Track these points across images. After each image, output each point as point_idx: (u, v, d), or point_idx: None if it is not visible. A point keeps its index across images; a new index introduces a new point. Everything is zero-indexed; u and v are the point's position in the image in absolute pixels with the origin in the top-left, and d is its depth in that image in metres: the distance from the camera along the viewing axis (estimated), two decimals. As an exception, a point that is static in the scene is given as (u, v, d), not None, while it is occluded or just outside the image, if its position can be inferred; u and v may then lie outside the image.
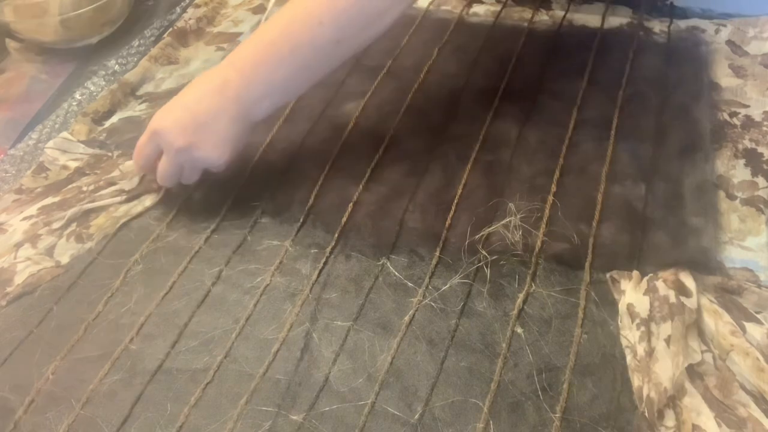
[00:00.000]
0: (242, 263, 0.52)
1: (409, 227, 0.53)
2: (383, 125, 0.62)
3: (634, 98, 0.63)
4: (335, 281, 0.50)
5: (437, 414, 0.42)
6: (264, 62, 0.51)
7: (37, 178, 0.60)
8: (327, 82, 0.67)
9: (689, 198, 0.54)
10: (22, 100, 0.71)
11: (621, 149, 0.58)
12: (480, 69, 0.68)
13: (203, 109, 0.50)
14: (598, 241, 0.51)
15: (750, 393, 0.42)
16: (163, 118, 0.52)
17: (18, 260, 0.52)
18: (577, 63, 0.67)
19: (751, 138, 0.59)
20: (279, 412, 0.43)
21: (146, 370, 0.45)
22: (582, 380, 0.43)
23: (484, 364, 0.45)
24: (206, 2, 0.81)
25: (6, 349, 0.47)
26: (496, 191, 0.55)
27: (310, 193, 0.56)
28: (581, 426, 0.41)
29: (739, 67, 0.67)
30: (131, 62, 0.74)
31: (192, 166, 0.53)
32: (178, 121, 0.51)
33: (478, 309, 0.48)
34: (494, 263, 0.50)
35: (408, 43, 0.72)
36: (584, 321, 0.46)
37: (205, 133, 0.51)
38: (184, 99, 0.52)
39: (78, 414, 0.43)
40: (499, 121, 0.62)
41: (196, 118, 0.50)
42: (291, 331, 0.47)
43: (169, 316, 0.49)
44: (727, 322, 0.45)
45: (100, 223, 0.56)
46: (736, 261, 0.50)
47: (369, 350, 0.46)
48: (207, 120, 0.50)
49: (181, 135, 0.50)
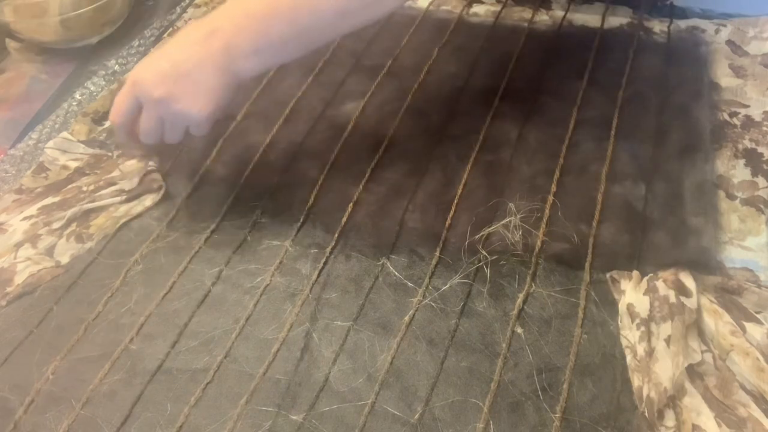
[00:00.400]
0: (242, 263, 0.52)
1: (409, 227, 0.53)
2: (383, 125, 0.62)
3: (634, 98, 0.63)
4: (335, 281, 0.50)
5: (437, 414, 0.42)
6: (260, 15, 0.48)
7: (37, 178, 0.60)
8: (327, 81, 0.67)
9: (689, 198, 0.54)
10: (22, 100, 0.71)
11: (621, 149, 0.58)
12: (480, 69, 0.68)
13: (185, 58, 0.47)
14: (598, 241, 0.51)
15: (750, 393, 0.42)
16: (143, 68, 0.49)
17: (18, 260, 0.53)
18: (577, 63, 0.67)
19: (751, 138, 0.59)
20: (279, 412, 0.43)
21: (146, 370, 0.45)
22: (582, 380, 0.43)
23: (484, 364, 0.45)
24: (206, 2, 0.81)
25: (6, 349, 0.47)
26: (496, 191, 0.55)
27: (310, 193, 0.56)
28: (581, 426, 0.41)
29: (739, 67, 0.67)
30: (131, 62, 0.74)
31: (172, 121, 0.49)
32: (158, 70, 0.48)
33: (478, 309, 0.48)
34: (494, 263, 0.50)
35: (408, 43, 0.72)
36: (584, 321, 0.46)
37: (185, 84, 0.47)
38: (167, 48, 0.49)
39: (78, 414, 0.43)
40: (499, 121, 0.62)
41: (177, 67, 0.47)
42: (291, 331, 0.47)
43: (169, 316, 0.49)
44: (727, 322, 0.45)
45: (100, 223, 0.56)
46: (736, 261, 0.50)
47: (369, 350, 0.46)
48: (189, 69, 0.47)
49: (160, 84, 0.47)
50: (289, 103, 0.65)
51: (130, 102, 0.50)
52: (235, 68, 0.48)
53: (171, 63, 0.48)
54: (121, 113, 0.50)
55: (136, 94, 0.49)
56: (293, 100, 0.66)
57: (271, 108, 0.64)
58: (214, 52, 0.47)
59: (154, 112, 0.49)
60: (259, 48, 0.48)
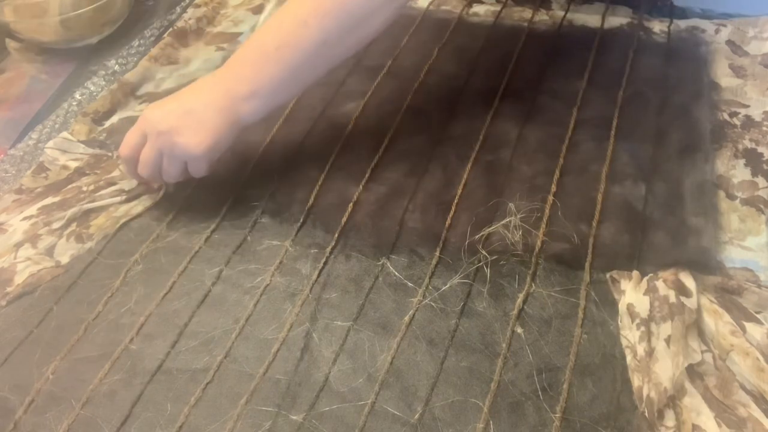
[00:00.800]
0: (242, 263, 0.52)
1: (409, 227, 0.53)
2: (383, 125, 0.62)
3: (634, 98, 0.63)
4: (335, 281, 0.50)
5: (437, 414, 0.42)
6: (252, 61, 0.52)
7: (37, 178, 0.60)
8: (327, 82, 0.67)
9: (689, 198, 0.54)
10: (22, 100, 0.71)
11: (621, 149, 0.58)
12: (480, 69, 0.68)
13: (192, 100, 0.52)
14: (598, 241, 0.51)
15: (750, 393, 0.42)
16: (154, 107, 0.53)
17: (18, 260, 0.53)
18: (577, 63, 0.67)
19: (751, 138, 0.59)
20: (279, 412, 0.43)
21: (146, 370, 0.45)
22: (582, 380, 0.43)
23: (484, 364, 0.45)
24: (206, 2, 0.81)
25: (6, 349, 0.47)
26: (496, 191, 0.55)
27: (310, 193, 0.56)
28: (581, 426, 0.41)
29: (739, 67, 0.67)
30: (131, 62, 0.74)
31: (170, 154, 0.51)
32: (166, 108, 0.52)
33: (478, 309, 0.48)
34: (494, 263, 0.50)
35: (408, 43, 0.72)
36: (584, 321, 0.46)
37: (188, 120, 0.51)
38: (179, 93, 0.53)
39: (78, 414, 0.43)
40: (499, 121, 0.62)
41: (183, 106, 0.51)
42: (291, 331, 0.47)
43: (169, 316, 0.49)
44: (727, 322, 0.45)
45: (100, 223, 0.56)
46: (736, 261, 0.50)
47: (369, 350, 0.46)
48: (193, 108, 0.51)
49: (165, 119, 0.51)
50: (289, 103, 0.65)
51: (137, 137, 0.52)
52: (235, 110, 0.52)
53: (178, 103, 0.52)
54: (128, 147, 0.53)
55: (143, 129, 0.52)
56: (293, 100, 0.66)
57: (271, 108, 0.64)
58: (217, 96, 0.52)
59: (156, 144, 0.51)
60: (255, 91, 0.52)
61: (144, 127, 0.52)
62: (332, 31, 0.52)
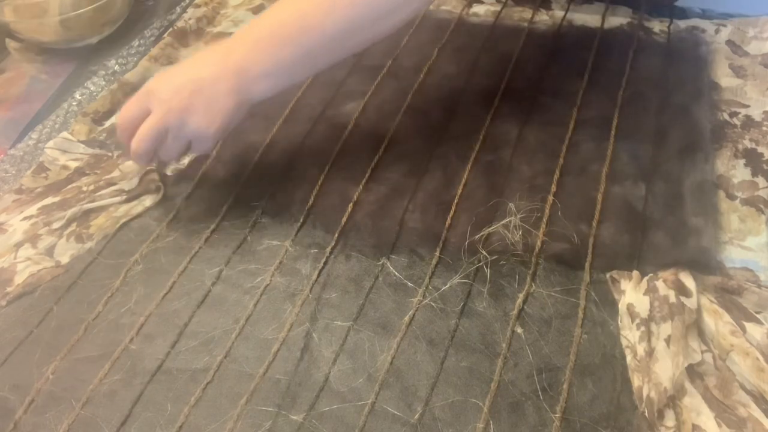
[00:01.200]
0: (242, 263, 0.52)
1: (409, 227, 0.53)
2: (383, 125, 0.62)
3: (634, 98, 0.63)
4: (335, 281, 0.50)
5: (437, 414, 0.42)
6: (271, 39, 0.50)
7: (37, 178, 0.60)
8: (327, 81, 0.67)
9: (689, 198, 0.54)
10: (22, 100, 0.71)
11: (621, 149, 0.58)
12: (480, 69, 0.68)
13: (201, 76, 0.49)
14: (598, 241, 0.51)
15: (750, 393, 0.42)
16: (160, 80, 0.50)
17: (18, 260, 0.53)
18: (577, 63, 0.67)
19: (751, 138, 0.59)
20: (279, 412, 0.43)
21: (146, 370, 0.45)
22: (582, 380, 0.43)
23: (484, 364, 0.45)
24: (206, 2, 0.81)
25: (6, 349, 0.47)
26: (496, 191, 0.55)
27: (310, 193, 0.56)
28: (581, 426, 0.41)
29: (739, 67, 0.67)
30: (131, 62, 0.74)
31: (176, 135, 0.50)
32: (174, 83, 0.50)
33: (478, 309, 0.48)
34: (494, 263, 0.50)
35: (408, 43, 0.72)
36: (584, 321, 0.46)
37: (199, 99, 0.49)
38: (184, 65, 0.51)
39: (78, 414, 0.43)
40: (499, 121, 0.62)
41: (194, 82, 0.49)
42: (291, 331, 0.47)
43: (169, 316, 0.49)
44: (727, 322, 0.45)
45: (100, 223, 0.56)
46: (736, 261, 0.50)
47: (369, 350, 0.46)
48: (204, 86, 0.49)
49: (177, 95, 0.49)
50: (289, 103, 0.65)
51: (139, 108, 0.51)
52: (246, 90, 0.50)
53: (187, 78, 0.49)
54: (127, 117, 0.51)
55: (148, 103, 0.50)
56: (293, 100, 0.66)
57: (271, 108, 0.64)
58: (227, 73, 0.49)
59: (164, 119, 0.49)
60: (269, 71, 0.50)
61: (149, 100, 0.50)
62: (357, 21, 0.51)
